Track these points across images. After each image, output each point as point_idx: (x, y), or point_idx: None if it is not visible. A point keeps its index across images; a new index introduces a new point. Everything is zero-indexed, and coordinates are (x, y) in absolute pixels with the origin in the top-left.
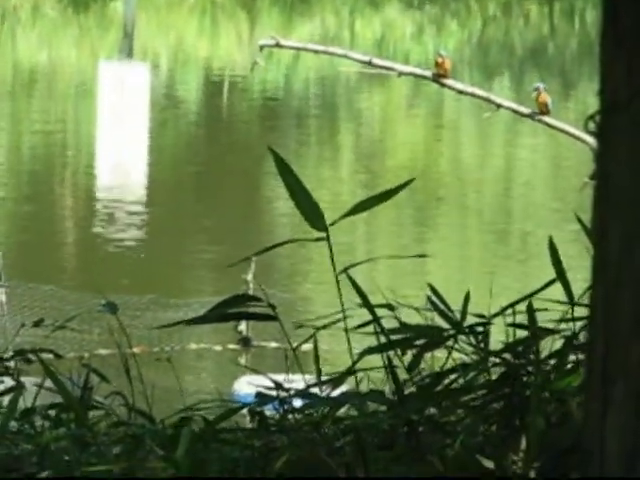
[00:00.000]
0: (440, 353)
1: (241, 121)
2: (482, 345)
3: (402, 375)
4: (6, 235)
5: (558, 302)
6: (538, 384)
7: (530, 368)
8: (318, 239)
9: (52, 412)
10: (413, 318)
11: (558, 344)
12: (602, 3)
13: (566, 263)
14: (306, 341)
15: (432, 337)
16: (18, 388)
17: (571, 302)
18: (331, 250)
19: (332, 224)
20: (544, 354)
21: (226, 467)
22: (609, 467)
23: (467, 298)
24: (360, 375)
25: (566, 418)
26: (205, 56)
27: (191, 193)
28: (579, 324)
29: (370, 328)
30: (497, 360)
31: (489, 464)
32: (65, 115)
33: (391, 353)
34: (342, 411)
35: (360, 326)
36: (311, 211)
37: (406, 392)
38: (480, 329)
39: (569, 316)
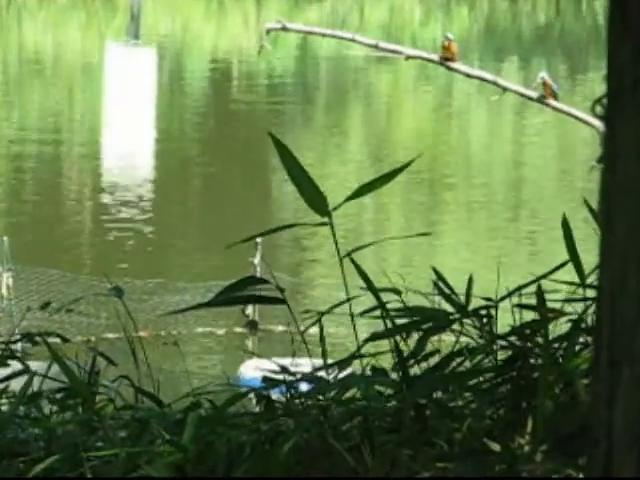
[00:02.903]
0: (446, 337)
1: (247, 103)
2: (488, 328)
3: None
4: (13, 219)
5: (565, 283)
6: (546, 367)
7: (537, 351)
8: (321, 224)
9: (59, 396)
10: (420, 302)
11: (566, 326)
12: None
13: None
14: (313, 325)
15: (437, 321)
16: (28, 373)
17: (579, 284)
18: (334, 234)
19: (335, 209)
20: (551, 336)
21: (233, 451)
22: (616, 450)
23: (470, 281)
24: (367, 359)
25: (573, 401)
26: (212, 40)
27: (198, 176)
28: (587, 305)
29: (376, 311)
30: (504, 343)
31: (496, 447)
32: (72, 97)
33: (397, 337)
34: (349, 395)
35: (366, 312)
36: (313, 196)
37: (412, 376)
38: (485, 312)
39: (577, 297)
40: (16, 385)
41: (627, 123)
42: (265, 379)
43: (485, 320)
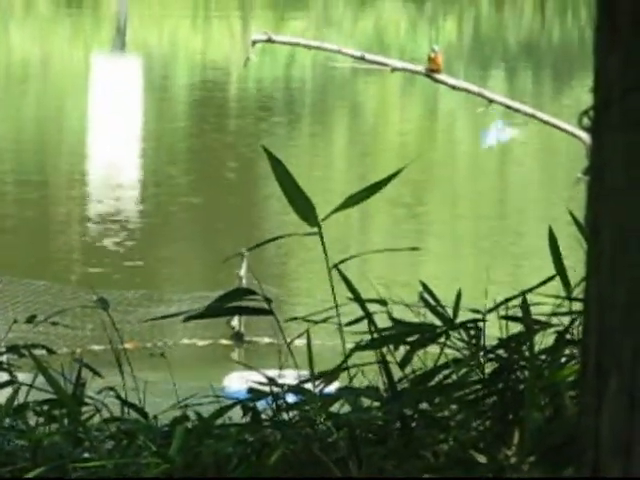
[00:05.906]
0: (433, 349)
1: (233, 115)
2: (475, 341)
3: (395, 371)
4: None
5: (552, 297)
6: (532, 378)
7: (523, 363)
8: (310, 234)
9: (45, 408)
10: (407, 314)
11: (552, 338)
12: (598, 0)
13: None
14: (299, 336)
15: (424, 333)
16: (13, 384)
17: (563, 297)
18: (324, 245)
19: (324, 219)
20: (538, 348)
21: (220, 462)
22: (603, 460)
23: (459, 295)
24: (353, 371)
25: (560, 412)
26: (198, 52)
27: (185, 187)
28: (573, 318)
29: (363, 324)
30: (490, 355)
31: (483, 459)
32: (58, 108)
33: (384, 349)
34: (335, 407)
35: (352, 322)
36: (303, 207)
37: (399, 388)
38: (472, 325)
39: (563, 310)
40: (0, 397)
41: (615, 133)
42: (251, 390)
43: (472, 332)
